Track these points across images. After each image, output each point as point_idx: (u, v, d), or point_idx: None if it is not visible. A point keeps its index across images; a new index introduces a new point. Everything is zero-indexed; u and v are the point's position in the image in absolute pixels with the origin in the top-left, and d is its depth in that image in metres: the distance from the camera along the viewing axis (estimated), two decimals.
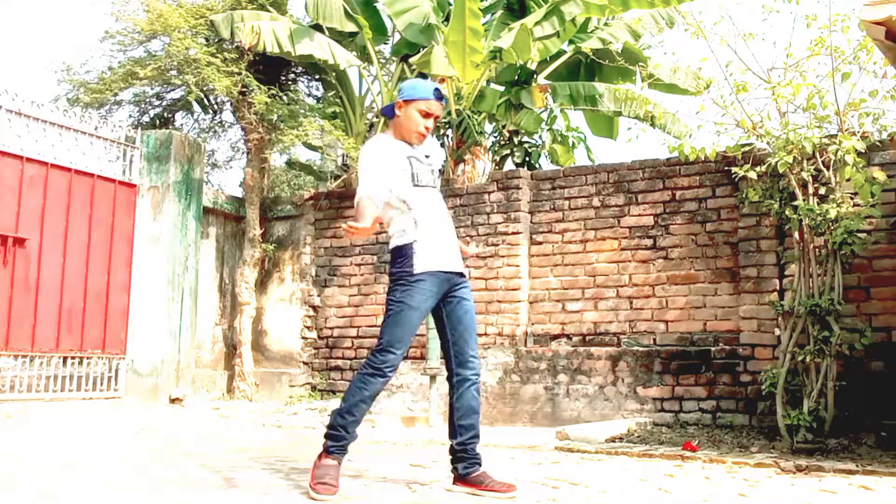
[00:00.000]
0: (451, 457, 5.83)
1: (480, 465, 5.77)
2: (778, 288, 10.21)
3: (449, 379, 5.78)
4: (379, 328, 5.69)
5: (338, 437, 5.63)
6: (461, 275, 5.87)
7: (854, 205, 8.99)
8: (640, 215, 11.46)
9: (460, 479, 5.76)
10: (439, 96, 5.85)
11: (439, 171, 5.99)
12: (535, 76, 15.00)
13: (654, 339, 11.16)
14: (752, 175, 9.12)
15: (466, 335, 5.77)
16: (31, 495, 5.11)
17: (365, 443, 9.04)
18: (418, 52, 14.25)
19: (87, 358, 12.09)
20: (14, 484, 5.52)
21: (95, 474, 6.13)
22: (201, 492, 5.46)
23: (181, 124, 16.81)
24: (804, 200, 8.88)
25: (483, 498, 5.52)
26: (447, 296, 5.79)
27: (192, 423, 10.57)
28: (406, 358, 12.31)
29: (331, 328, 13.66)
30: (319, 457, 5.63)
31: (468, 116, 13.94)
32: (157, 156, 13.16)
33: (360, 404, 5.58)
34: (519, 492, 5.61)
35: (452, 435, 5.78)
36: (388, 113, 5.96)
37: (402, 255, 5.69)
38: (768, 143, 9.14)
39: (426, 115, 5.80)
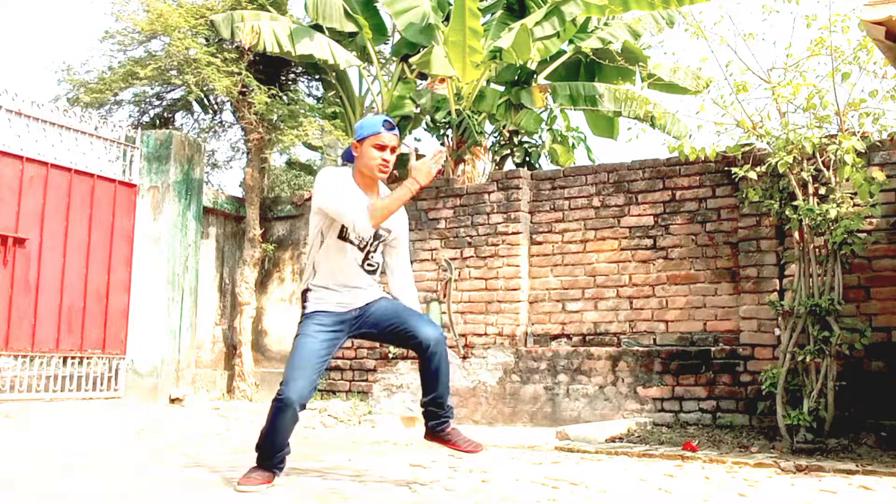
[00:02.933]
0: (422, 414, 6.11)
1: (447, 422, 6.06)
2: (778, 288, 10.20)
3: (415, 350, 5.93)
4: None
5: (261, 457, 5.79)
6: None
7: (854, 205, 8.99)
8: (640, 215, 11.46)
9: (429, 433, 6.11)
10: (389, 127, 5.91)
11: (377, 240, 6.04)
12: (535, 76, 15.00)
13: (654, 339, 11.16)
14: (752, 175, 9.12)
15: (403, 318, 5.91)
16: (31, 496, 5.11)
17: (365, 442, 9.05)
18: (418, 51, 14.27)
19: (87, 358, 12.11)
20: (13, 484, 5.52)
21: (95, 474, 6.14)
22: (201, 491, 5.46)
23: (181, 124, 16.83)
24: (804, 200, 8.88)
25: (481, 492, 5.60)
26: (363, 320, 5.99)
27: (192, 423, 10.58)
28: (406, 358, 12.34)
29: None
30: (251, 468, 5.80)
31: (468, 116, 13.94)
32: (157, 156, 13.17)
33: (268, 433, 5.71)
34: (518, 491, 5.61)
35: (424, 392, 6.01)
36: (348, 157, 6.07)
37: (302, 300, 6.10)
38: (768, 143, 9.14)
39: (381, 148, 5.86)
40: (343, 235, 5.88)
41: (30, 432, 9.09)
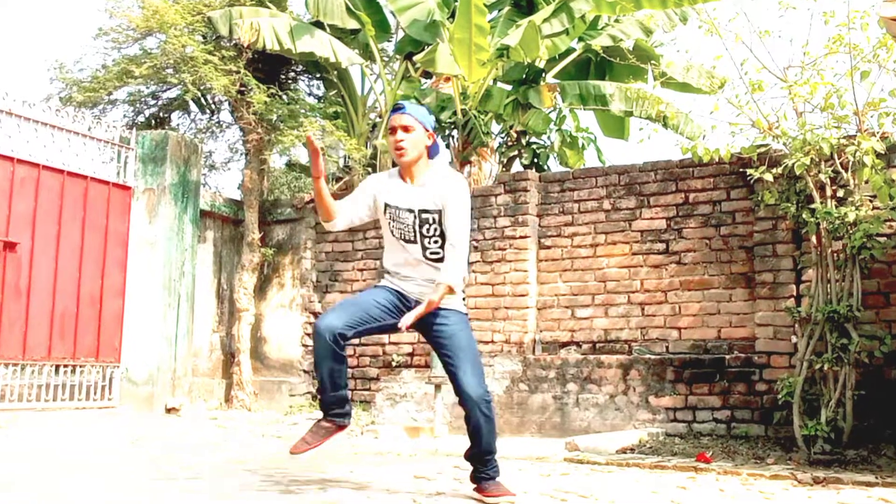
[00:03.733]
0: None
1: (489, 478, 6.02)
2: (795, 294, 10.20)
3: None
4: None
5: (321, 399, 6.08)
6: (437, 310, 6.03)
7: (873, 207, 8.99)
8: (652, 219, 11.47)
9: (472, 480, 6.15)
10: (394, 109, 6.11)
11: (422, 228, 6.06)
12: (543, 75, 15.02)
13: (667, 347, 11.17)
14: (768, 177, 9.14)
15: (456, 354, 5.95)
16: (26, 501, 5.13)
17: (368, 453, 9.05)
18: (422, 49, 14.25)
19: (80, 366, 12.11)
20: (2, 497, 5.53)
21: (88, 486, 6.15)
22: (197, 502, 5.47)
23: (177, 124, 16.83)
24: (822, 203, 8.89)
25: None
26: (430, 326, 6.04)
27: (188, 434, 10.59)
28: (410, 366, 12.36)
29: None
30: (318, 420, 6.16)
31: (474, 116, 13.95)
32: (153, 157, 13.17)
33: (316, 366, 5.93)
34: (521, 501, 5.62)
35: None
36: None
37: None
38: (785, 143, 9.15)
39: (391, 132, 6.04)
40: (393, 234, 6.13)
41: (21, 443, 9.10)
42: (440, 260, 6.00)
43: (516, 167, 15.09)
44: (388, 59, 16.32)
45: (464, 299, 6.13)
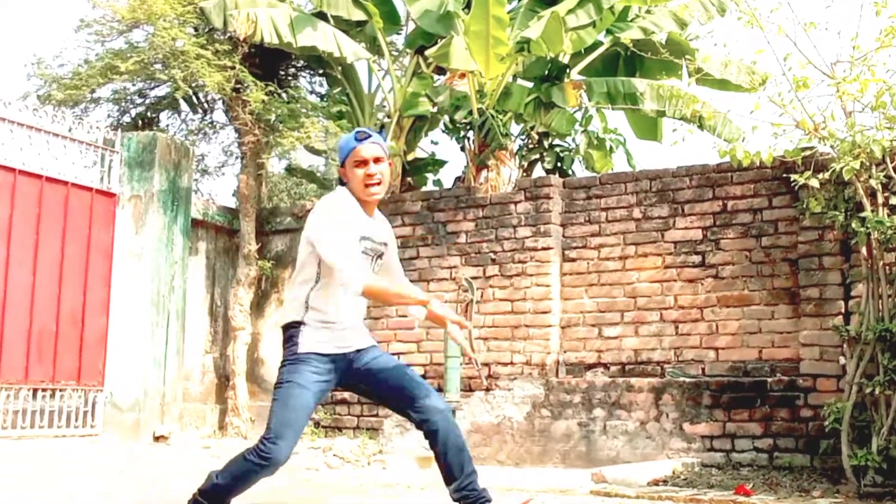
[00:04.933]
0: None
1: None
2: (843, 311, 10.22)
3: (419, 428, 5.89)
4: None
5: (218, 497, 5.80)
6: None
7: None
8: (686, 228, 11.51)
9: None
10: (363, 137, 5.94)
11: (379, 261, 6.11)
12: (567, 71, 15.05)
13: (703, 369, 11.20)
14: (814, 183, 9.17)
15: (403, 377, 5.93)
16: None
17: (375, 485, 9.11)
18: (435, 43, 14.28)
19: (61, 390, 12.13)
20: None
21: None
22: None
23: (167, 125, 16.87)
24: (873, 211, 8.91)
25: None
26: (356, 367, 5.94)
27: (179, 465, 10.63)
28: None
29: None
30: None
31: (492, 116, 13.96)
32: (140, 161, 13.21)
33: (231, 488, 5.72)
34: None
35: (447, 481, 5.86)
36: (342, 183, 6.08)
37: (289, 336, 5.92)
38: (832, 146, 9.18)
39: (362, 164, 5.87)
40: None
41: None
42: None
43: (538, 172, 15.09)
44: (398, 54, 16.38)
45: None
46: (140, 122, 16.26)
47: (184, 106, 16.61)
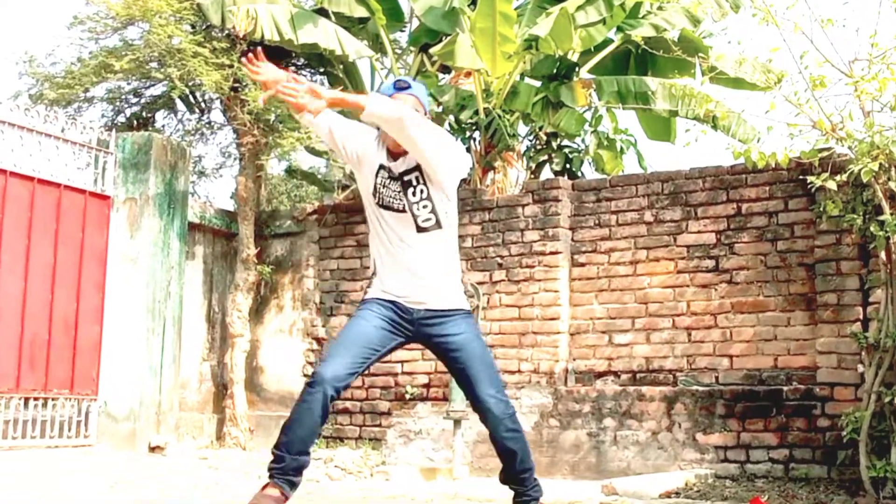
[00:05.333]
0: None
1: (532, 499, 6.15)
2: (861, 317, 10.21)
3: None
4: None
5: (278, 458, 5.91)
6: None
7: None
8: (699, 232, 11.50)
9: None
10: (401, 87, 6.05)
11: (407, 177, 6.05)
12: (576, 69, 15.04)
13: (717, 377, 11.19)
14: (832, 185, 9.17)
15: (472, 364, 6.00)
16: None
17: (378, 498, 9.10)
18: (440, 40, 14.30)
19: (53, 399, 12.11)
20: None
21: None
22: None
23: (163, 125, 16.87)
24: (892, 214, 8.92)
25: None
26: (426, 335, 6.03)
27: (175, 476, 10.63)
28: (426, 399, 12.39)
29: None
30: (263, 486, 5.88)
31: (498, 116, 13.96)
32: (135, 163, 13.19)
33: (292, 420, 5.89)
34: None
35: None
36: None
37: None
38: (850, 147, 9.18)
39: None
40: (377, 199, 6.02)
41: None
42: (436, 226, 5.98)
43: (546, 174, 15.08)
44: (401, 52, 16.38)
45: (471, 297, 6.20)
46: (135, 122, 16.24)
47: (180, 105, 16.62)
